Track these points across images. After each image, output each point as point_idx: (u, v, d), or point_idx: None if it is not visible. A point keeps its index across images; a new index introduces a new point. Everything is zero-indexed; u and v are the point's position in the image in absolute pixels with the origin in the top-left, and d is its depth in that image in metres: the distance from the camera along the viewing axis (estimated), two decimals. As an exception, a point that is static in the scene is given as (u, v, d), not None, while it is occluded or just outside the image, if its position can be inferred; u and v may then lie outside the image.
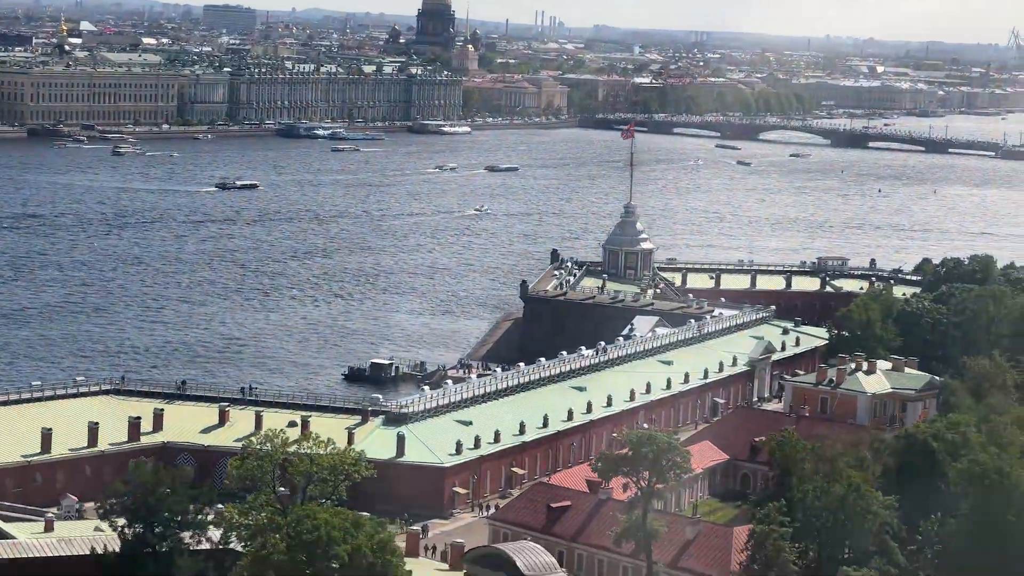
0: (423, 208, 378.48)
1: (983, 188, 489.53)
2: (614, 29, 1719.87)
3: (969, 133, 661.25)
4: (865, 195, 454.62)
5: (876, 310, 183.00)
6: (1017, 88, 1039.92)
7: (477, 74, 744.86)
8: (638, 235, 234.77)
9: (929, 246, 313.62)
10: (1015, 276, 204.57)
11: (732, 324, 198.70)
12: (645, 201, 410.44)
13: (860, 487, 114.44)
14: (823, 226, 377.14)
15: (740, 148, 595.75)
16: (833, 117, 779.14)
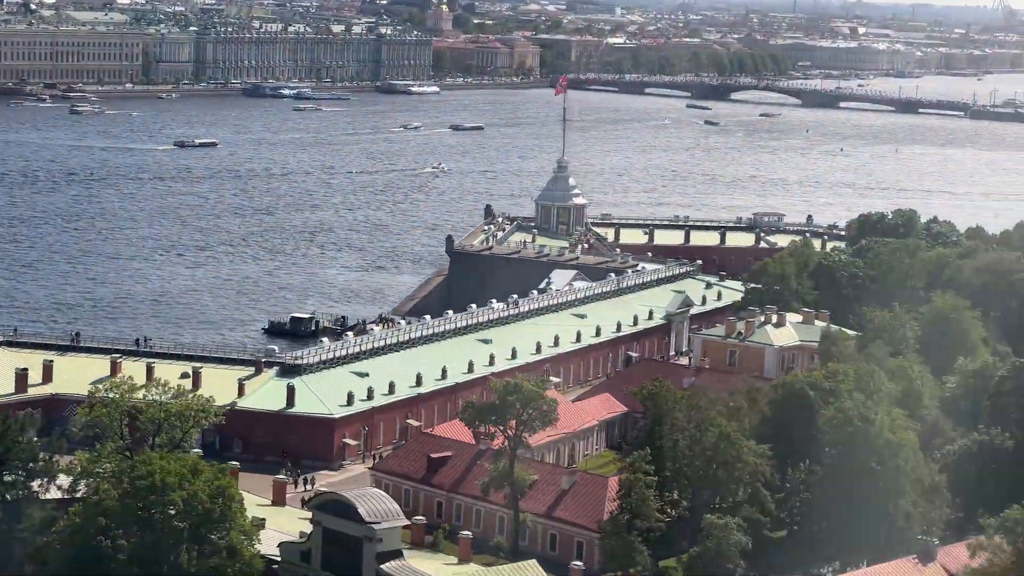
0: (377, 166, 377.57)
1: (946, 148, 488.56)
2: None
3: (941, 94, 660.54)
4: (827, 154, 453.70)
5: (792, 264, 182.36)
6: (996, 49, 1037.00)
7: (451, 34, 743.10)
8: (570, 190, 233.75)
9: (877, 203, 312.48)
10: (936, 230, 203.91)
11: (654, 278, 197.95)
12: (604, 159, 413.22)
13: (731, 435, 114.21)
14: (779, 184, 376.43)
15: (710, 108, 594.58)
16: (809, 78, 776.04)
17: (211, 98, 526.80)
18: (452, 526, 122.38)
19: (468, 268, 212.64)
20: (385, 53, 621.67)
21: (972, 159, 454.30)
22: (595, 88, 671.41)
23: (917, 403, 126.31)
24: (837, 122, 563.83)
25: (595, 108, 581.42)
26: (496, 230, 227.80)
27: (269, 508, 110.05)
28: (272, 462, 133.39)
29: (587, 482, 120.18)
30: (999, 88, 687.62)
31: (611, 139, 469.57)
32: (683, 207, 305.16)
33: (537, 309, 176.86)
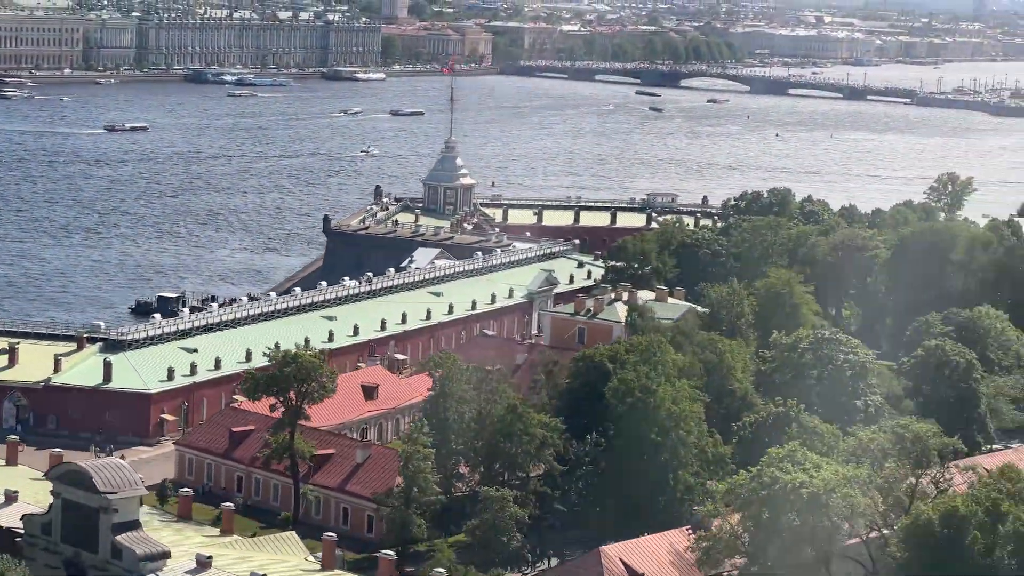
0: (301, 150, 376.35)
1: (884, 134, 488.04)
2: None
3: (891, 81, 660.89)
4: (762, 139, 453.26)
5: (652, 241, 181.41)
6: (957, 38, 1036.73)
7: (406, 22, 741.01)
8: (458, 171, 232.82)
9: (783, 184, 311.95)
10: (809, 209, 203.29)
11: (523, 257, 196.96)
12: (532, 143, 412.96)
13: (518, 408, 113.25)
14: (705, 167, 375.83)
15: (659, 95, 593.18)
16: (767, 65, 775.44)
17: (152, 84, 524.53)
18: (251, 500, 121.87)
19: (345, 248, 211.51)
20: (333, 40, 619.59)
21: (904, 144, 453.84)
22: (545, 75, 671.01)
23: (728, 376, 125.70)
24: (782, 108, 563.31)
25: (540, 94, 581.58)
26: (380, 210, 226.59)
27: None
28: (86, 438, 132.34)
29: (381, 456, 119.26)
30: (958, 76, 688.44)
31: (546, 124, 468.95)
32: (597, 189, 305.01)
33: (392, 287, 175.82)
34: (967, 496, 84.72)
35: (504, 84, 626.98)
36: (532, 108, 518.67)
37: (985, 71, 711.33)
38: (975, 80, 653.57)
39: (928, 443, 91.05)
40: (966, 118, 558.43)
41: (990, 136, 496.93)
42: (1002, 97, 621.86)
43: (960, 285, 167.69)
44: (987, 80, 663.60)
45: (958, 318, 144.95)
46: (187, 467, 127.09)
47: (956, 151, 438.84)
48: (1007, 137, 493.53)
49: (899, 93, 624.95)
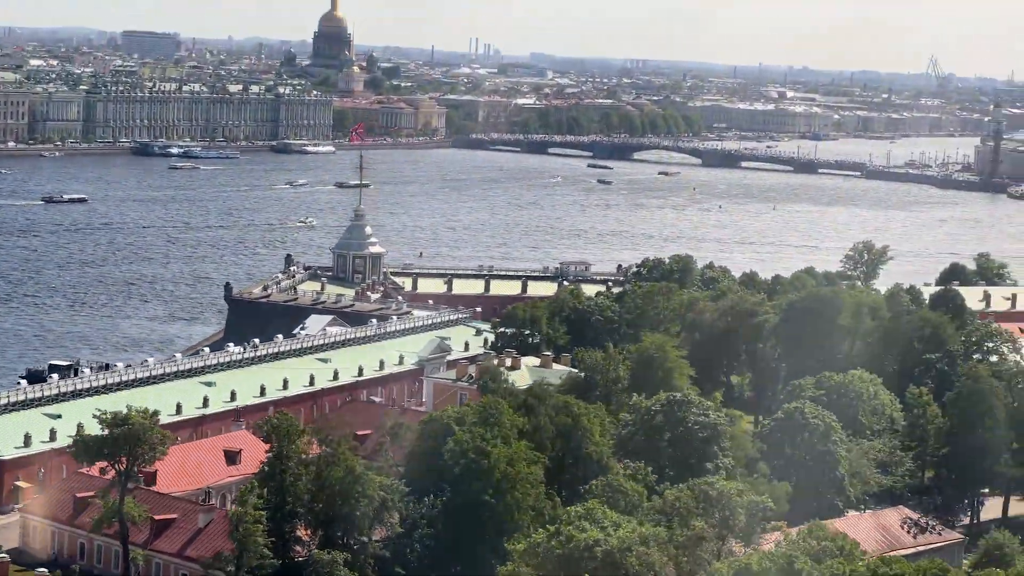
0: (235, 221, 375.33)
1: (828, 206, 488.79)
2: (550, 57, 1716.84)
3: (843, 154, 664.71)
4: (704, 211, 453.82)
5: (543, 308, 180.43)
6: (915, 113, 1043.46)
7: (363, 95, 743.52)
8: (367, 239, 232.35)
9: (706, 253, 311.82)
10: (709, 276, 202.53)
11: (419, 325, 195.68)
12: (477, 215, 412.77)
13: (355, 470, 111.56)
14: (642, 238, 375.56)
15: (611, 168, 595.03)
16: (724, 139, 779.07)
17: (98, 156, 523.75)
18: (92, 567, 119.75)
19: (246, 316, 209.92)
20: (283, 113, 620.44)
21: (846, 216, 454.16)
22: (498, 148, 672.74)
23: (584, 439, 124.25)
24: (731, 181, 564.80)
25: (489, 167, 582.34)
26: (285, 278, 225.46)
27: None
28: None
29: (223, 520, 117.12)
30: (909, 150, 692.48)
31: (487, 197, 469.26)
32: (526, 260, 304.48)
33: (279, 353, 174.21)
34: (764, 555, 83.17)
35: (455, 157, 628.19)
36: (476, 181, 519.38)
37: (941, 145, 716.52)
38: (923, 154, 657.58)
39: (733, 502, 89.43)
40: (913, 191, 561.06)
41: (934, 208, 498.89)
42: (949, 171, 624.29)
43: (848, 350, 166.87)
44: (937, 154, 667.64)
45: (830, 382, 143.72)
46: (33, 535, 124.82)
47: (896, 223, 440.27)
48: (950, 210, 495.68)
49: (849, 166, 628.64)
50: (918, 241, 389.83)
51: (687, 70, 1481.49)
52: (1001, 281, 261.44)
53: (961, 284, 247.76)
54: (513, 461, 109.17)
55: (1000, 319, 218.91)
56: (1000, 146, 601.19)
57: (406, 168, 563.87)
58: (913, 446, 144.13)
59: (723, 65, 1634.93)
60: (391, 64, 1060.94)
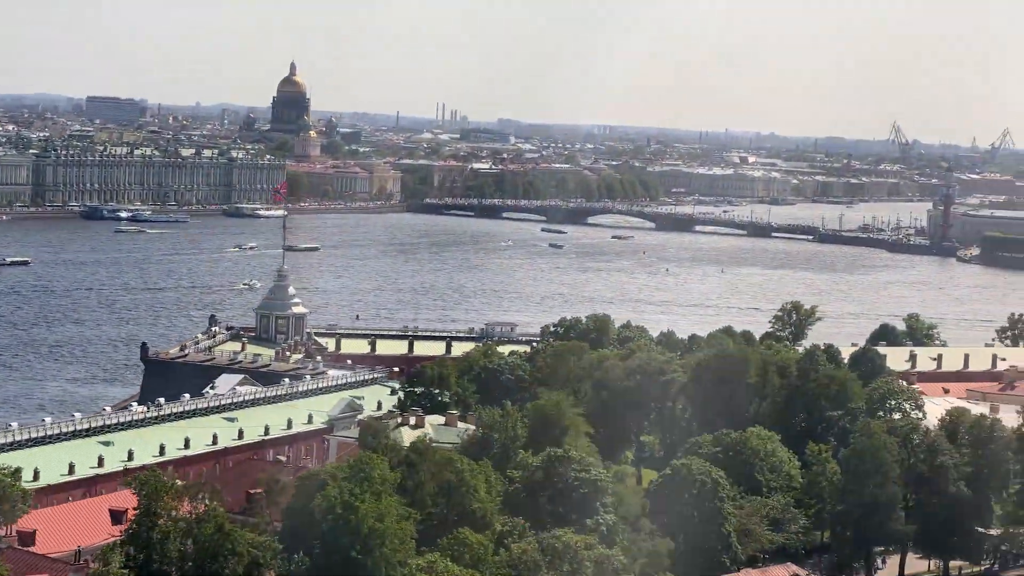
0: (176, 284, 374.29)
1: (776, 269, 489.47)
2: (516, 123, 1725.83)
3: (797, 218, 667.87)
4: (651, 274, 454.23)
5: (452, 367, 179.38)
6: (875, 178, 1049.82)
7: (318, 160, 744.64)
8: (290, 299, 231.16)
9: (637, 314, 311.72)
10: (625, 335, 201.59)
11: (333, 384, 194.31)
12: (420, 278, 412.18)
13: (224, 526, 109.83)
14: (584, 300, 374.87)
15: (565, 232, 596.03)
16: (680, 204, 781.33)
17: (46, 220, 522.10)
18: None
19: (161, 376, 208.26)
20: (236, 177, 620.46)
21: (792, 279, 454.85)
22: (453, 212, 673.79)
23: (468, 496, 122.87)
24: (682, 245, 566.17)
25: (440, 231, 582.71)
26: (205, 338, 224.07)
27: None
28: None
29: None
30: (862, 215, 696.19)
31: (433, 261, 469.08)
32: (461, 322, 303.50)
33: (184, 412, 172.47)
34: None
35: (408, 221, 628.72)
36: (425, 244, 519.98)
37: (898, 210, 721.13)
38: (875, 218, 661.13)
39: (580, 555, 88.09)
40: (864, 254, 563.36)
41: (881, 272, 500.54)
42: (901, 235, 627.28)
43: (755, 408, 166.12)
44: (891, 218, 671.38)
45: (727, 439, 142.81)
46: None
47: (842, 285, 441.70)
48: (898, 273, 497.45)
49: (802, 230, 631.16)
50: (860, 303, 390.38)
51: (652, 136, 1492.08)
52: (930, 341, 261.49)
53: (889, 344, 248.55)
54: (382, 517, 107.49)
55: (925, 379, 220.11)
56: (950, 210, 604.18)
57: (357, 232, 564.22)
58: (812, 503, 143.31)
59: (689, 131, 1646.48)
60: (352, 129, 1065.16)
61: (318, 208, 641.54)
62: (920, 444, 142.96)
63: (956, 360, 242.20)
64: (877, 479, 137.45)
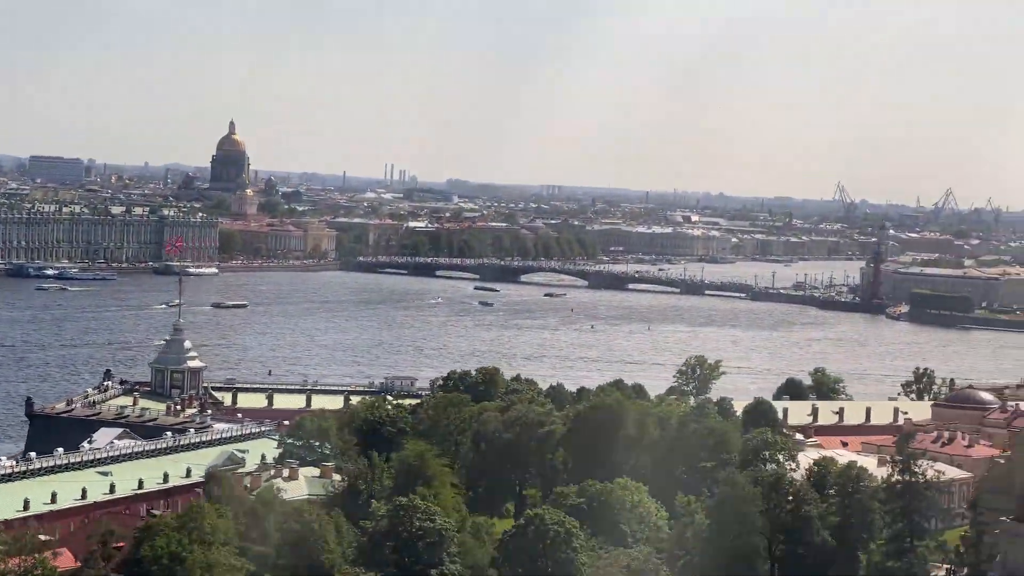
0: (91, 340, 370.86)
1: (702, 326, 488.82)
2: (464, 183, 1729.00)
3: (731, 276, 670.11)
4: (577, 331, 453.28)
5: (333, 419, 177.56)
6: (815, 236, 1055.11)
7: (254, 218, 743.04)
8: (185, 354, 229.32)
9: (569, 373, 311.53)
10: (514, 388, 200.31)
11: (216, 438, 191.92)
12: (342, 336, 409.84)
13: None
14: (502, 356, 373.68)
15: (498, 290, 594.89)
16: (618, 262, 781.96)
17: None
18: None
19: (46, 431, 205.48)
20: (167, 235, 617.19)
21: (717, 336, 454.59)
22: (387, 271, 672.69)
23: (317, 546, 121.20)
24: (613, 303, 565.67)
25: (371, 289, 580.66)
26: (96, 393, 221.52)
27: None
28: None
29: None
30: (794, 272, 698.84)
31: (357, 318, 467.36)
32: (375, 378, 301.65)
33: (56, 466, 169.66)
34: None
35: (341, 279, 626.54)
36: (353, 302, 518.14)
37: (838, 268, 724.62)
38: (807, 275, 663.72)
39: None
40: (794, 312, 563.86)
41: (808, 329, 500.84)
42: (832, 293, 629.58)
43: (634, 460, 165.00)
44: (826, 276, 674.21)
45: (591, 490, 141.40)
46: None
47: (766, 341, 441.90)
48: (825, 330, 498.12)
49: (735, 288, 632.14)
50: (781, 359, 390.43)
51: (600, 196, 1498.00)
52: (835, 395, 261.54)
53: (793, 398, 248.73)
54: (211, 567, 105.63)
55: (826, 432, 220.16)
56: (880, 268, 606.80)
57: (287, 290, 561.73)
58: (682, 555, 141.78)
59: (638, 191, 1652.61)
60: (293, 189, 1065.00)
61: (250, 266, 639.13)
62: (785, 494, 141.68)
63: (858, 414, 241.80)
64: (741, 529, 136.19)
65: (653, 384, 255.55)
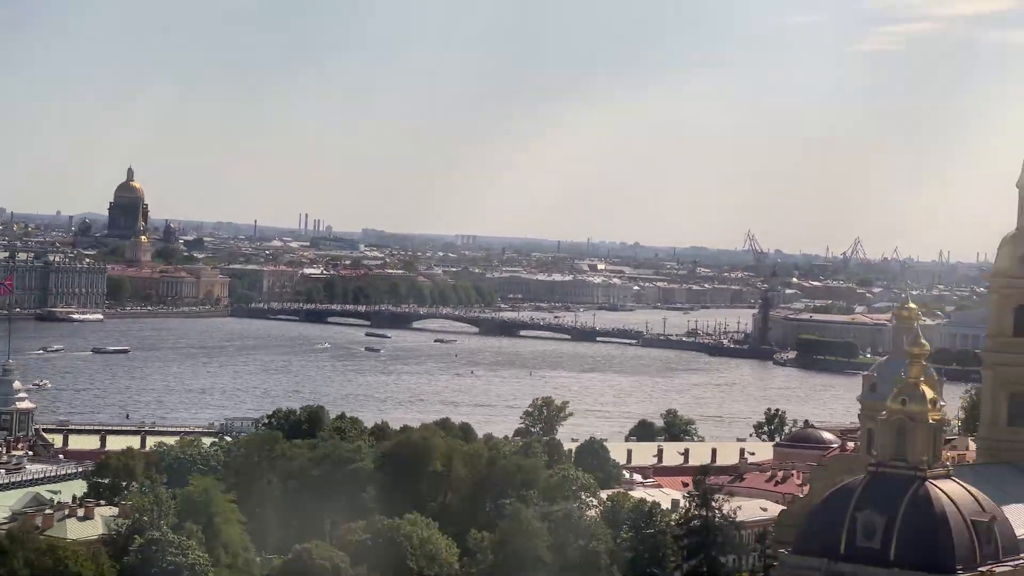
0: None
1: (584, 372, 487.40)
2: (379, 232, 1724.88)
3: (621, 323, 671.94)
4: (456, 376, 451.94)
5: (140, 458, 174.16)
6: (717, 285, 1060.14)
7: (149, 265, 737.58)
8: (14, 395, 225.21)
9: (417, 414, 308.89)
10: (338, 426, 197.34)
11: (28, 479, 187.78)
12: (217, 380, 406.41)
13: None
14: (375, 400, 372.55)
15: (389, 336, 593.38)
16: (516, 310, 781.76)
17: None
18: None
19: None
20: (52, 281, 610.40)
21: (598, 382, 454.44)
22: (279, 317, 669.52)
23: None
24: (499, 349, 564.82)
25: (259, 335, 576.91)
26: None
27: None
28: None
29: None
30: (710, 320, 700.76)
31: (238, 362, 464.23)
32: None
33: None
34: None
35: (231, 326, 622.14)
36: (236, 348, 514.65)
37: (737, 315, 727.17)
38: (696, 322, 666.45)
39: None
40: (683, 358, 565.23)
41: (693, 374, 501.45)
42: (722, 338, 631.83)
43: (443, 497, 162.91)
44: (725, 322, 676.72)
45: (379, 525, 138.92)
46: None
47: (644, 387, 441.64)
48: (709, 376, 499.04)
49: (626, 335, 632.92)
50: (657, 403, 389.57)
51: (513, 245, 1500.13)
52: (688, 437, 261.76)
53: (640, 439, 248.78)
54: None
55: (669, 472, 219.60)
56: (769, 315, 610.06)
57: (172, 335, 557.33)
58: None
59: (550, 240, 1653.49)
60: (193, 237, 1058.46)
61: (139, 312, 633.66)
62: (575, 530, 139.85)
63: (704, 454, 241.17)
64: (523, 565, 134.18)
65: (506, 427, 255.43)
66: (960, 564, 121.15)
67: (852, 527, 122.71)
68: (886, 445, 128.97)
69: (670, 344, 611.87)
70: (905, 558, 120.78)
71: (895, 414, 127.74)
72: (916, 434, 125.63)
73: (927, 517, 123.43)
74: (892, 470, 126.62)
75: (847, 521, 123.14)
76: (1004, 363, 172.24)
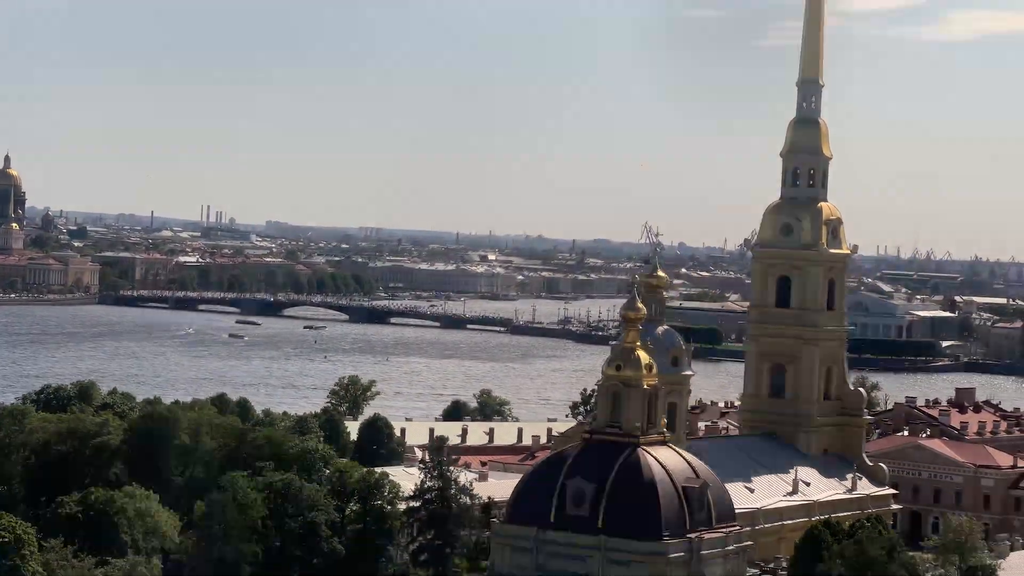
0: None
1: (441, 358, 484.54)
2: (283, 224, 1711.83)
3: (491, 311, 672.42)
4: (310, 360, 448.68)
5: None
6: (603, 275, 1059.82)
7: (19, 252, 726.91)
8: None
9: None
10: (107, 401, 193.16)
11: None
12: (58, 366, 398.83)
13: None
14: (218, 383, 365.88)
15: (259, 324, 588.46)
16: (397, 298, 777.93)
17: None
18: None
19: None
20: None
21: (456, 367, 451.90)
22: (149, 305, 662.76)
23: None
24: (364, 336, 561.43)
25: (122, 323, 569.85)
26: None
27: None
28: None
29: None
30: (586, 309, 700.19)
31: (87, 348, 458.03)
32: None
33: None
34: None
35: (94, 313, 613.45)
36: (91, 335, 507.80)
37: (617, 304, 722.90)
38: (567, 310, 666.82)
39: None
40: (549, 345, 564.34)
41: (552, 360, 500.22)
42: (590, 327, 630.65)
43: (191, 469, 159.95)
44: (589, 311, 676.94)
45: (91, 497, 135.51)
46: None
47: (498, 372, 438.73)
48: (568, 362, 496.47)
49: (495, 322, 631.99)
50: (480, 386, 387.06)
51: (416, 237, 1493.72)
52: (501, 417, 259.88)
53: (450, 419, 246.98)
54: None
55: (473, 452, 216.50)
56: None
57: (27, 322, 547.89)
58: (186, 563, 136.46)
59: (448, 232, 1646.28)
60: (77, 227, 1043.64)
61: (3, 299, 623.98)
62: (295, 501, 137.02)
63: (510, 435, 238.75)
64: (241, 536, 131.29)
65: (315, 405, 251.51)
66: (667, 531, 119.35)
67: (562, 495, 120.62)
68: (603, 412, 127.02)
69: (538, 332, 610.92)
70: (613, 525, 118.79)
71: (610, 380, 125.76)
72: (630, 400, 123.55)
73: (636, 484, 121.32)
74: (606, 437, 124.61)
75: (557, 489, 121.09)
76: (766, 334, 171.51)
